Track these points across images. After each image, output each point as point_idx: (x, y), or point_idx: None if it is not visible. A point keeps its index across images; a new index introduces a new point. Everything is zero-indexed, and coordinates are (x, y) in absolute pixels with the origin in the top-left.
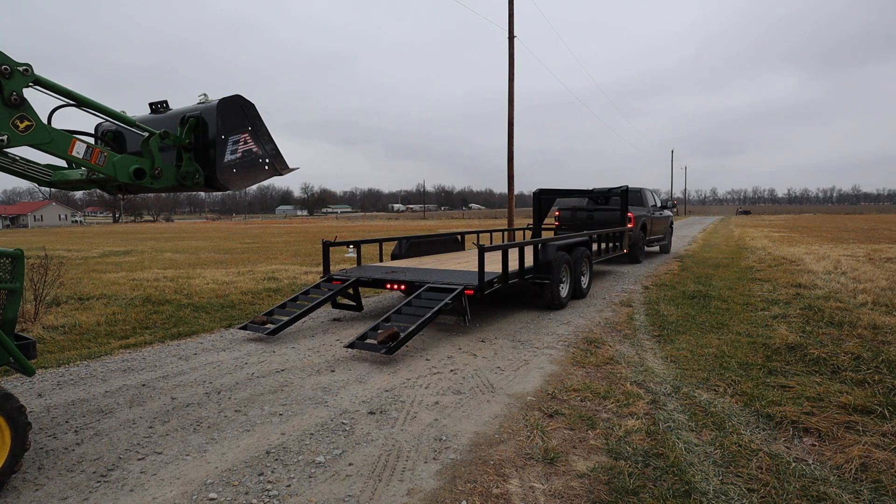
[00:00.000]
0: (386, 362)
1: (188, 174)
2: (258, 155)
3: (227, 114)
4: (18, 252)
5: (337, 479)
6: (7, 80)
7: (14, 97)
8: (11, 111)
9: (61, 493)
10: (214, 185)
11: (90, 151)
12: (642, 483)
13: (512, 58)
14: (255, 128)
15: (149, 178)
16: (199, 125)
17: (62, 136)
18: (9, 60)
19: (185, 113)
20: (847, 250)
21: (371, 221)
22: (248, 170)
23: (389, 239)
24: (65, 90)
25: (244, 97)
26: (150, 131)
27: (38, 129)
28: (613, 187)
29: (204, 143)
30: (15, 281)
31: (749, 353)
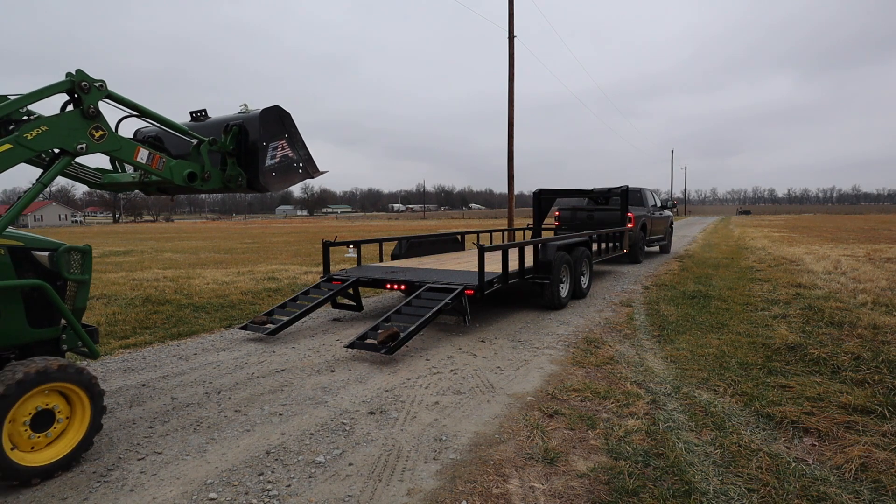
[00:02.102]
0: (386, 362)
1: (232, 177)
2: (293, 160)
3: (268, 123)
4: (87, 248)
5: (337, 479)
6: (86, 94)
7: (91, 110)
8: (88, 122)
9: (61, 493)
10: (256, 187)
11: (151, 157)
12: (642, 483)
13: (512, 58)
14: (290, 135)
15: (199, 180)
16: (241, 133)
17: (129, 143)
18: (87, 77)
19: (228, 121)
20: (847, 250)
21: (371, 221)
22: (285, 173)
23: (389, 239)
24: (131, 103)
25: (282, 107)
26: (200, 138)
27: (110, 138)
28: (613, 187)
29: (245, 149)
30: (84, 273)
31: (749, 353)
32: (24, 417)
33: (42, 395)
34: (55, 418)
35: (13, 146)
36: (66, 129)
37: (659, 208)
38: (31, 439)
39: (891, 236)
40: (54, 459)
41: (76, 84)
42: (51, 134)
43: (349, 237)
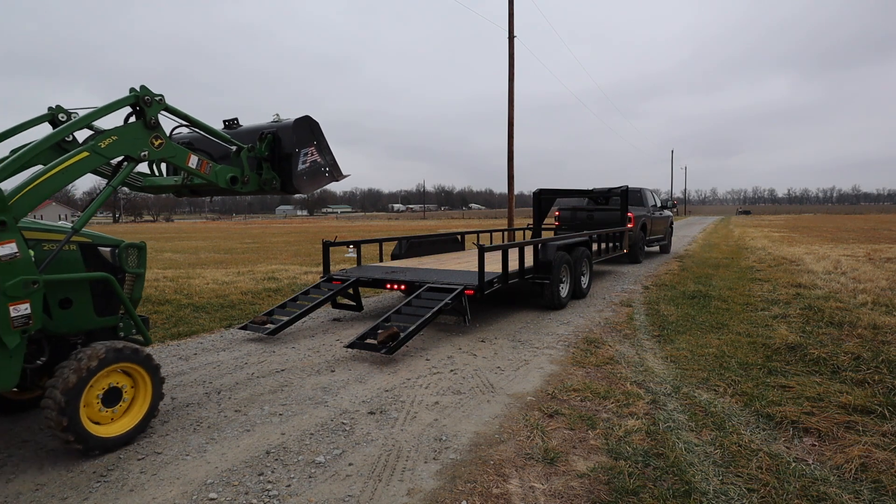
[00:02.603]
0: (386, 362)
1: (268, 181)
2: (321, 164)
3: (299, 131)
4: (143, 244)
5: (337, 479)
6: (148, 107)
7: (152, 121)
8: (149, 132)
9: (61, 493)
10: (288, 189)
11: (200, 163)
12: (642, 483)
13: (512, 58)
14: (319, 142)
15: (240, 183)
16: (275, 140)
17: (182, 150)
18: (149, 92)
19: (262, 129)
20: (847, 250)
21: (371, 221)
22: (314, 177)
23: (389, 239)
24: (182, 114)
25: (311, 117)
26: (240, 145)
27: (167, 146)
28: (613, 187)
29: (278, 155)
30: (140, 267)
31: (749, 353)
32: (97, 393)
33: (112, 375)
34: (122, 396)
35: (90, 154)
36: (131, 139)
37: (659, 208)
38: (103, 413)
39: (891, 236)
40: (120, 433)
41: (140, 98)
42: (120, 143)
43: (349, 237)
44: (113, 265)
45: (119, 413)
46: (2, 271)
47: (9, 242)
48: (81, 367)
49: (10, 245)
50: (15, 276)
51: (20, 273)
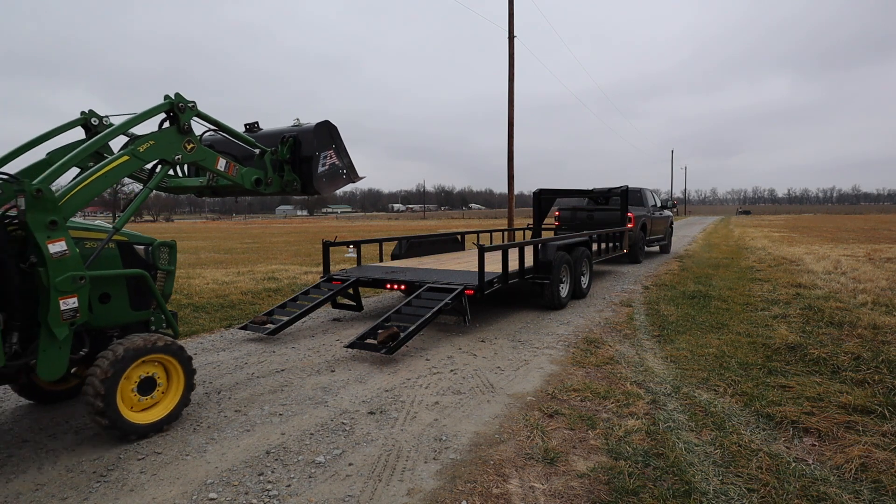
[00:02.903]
0: (386, 362)
1: (289, 182)
2: (339, 167)
3: (320, 135)
4: (173, 242)
5: (337, 479)
6: (182, 113)
7: (186, 126)
8: (183, 136)
9: (61, 493)
10: (308, 191)
11: (227, 165)
12: (642, 483)
13: (512, 58)
14: (337, 146)
15: (264, 185)
16: (295, 143)
17: (211, 154)
18: (183, 99)
19: (283, 133)
20: (847, 250)
21: (371, 221)
22: (333, 179)
23: (389, 239)
24: (212, 119)
25: (330, 122)
26: (263, 148)
27: (198, 150)
28: (613, 187)
29: (298, 158)
30: (171, 264)
31: (749, 353)
32: (133, 384)
33: (146, 365)
34: (156, 385)
35: (130, 158)
36: (167, 143)
37: (659, 208)
38: (139, 402)
39: (891, 236)
40: (155, 420)
41: (175, 105)
42: (156, 147)
43: (349, 237)
44: (147, 262)
45: (153, 401)
46: (53, 267)
47: (59, 241)
48: (118, 358)
49: (60, 243)
50: (65, 272)
51: (69, 269)
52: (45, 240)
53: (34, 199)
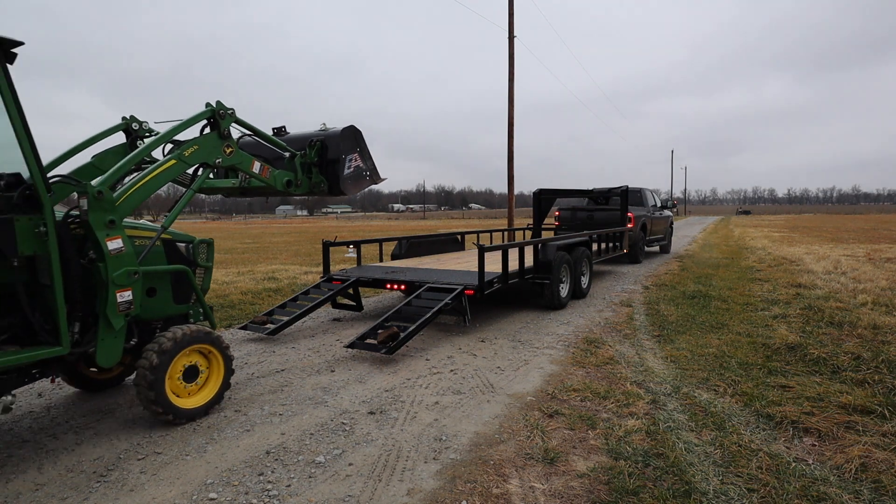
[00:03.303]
0: (386, 362)
1: (316, 184)
2: (363, 169)
3: (346, 139)
4: (211, 240)
5: (337, 479)
6: (222, 119)
7: (225, 131)
8: (222, 141)
9: (61, 493)
10: (335, 192)
11: (262, 168)
12: (642, 483)
13: (512, 58)
14: (361, 149)
15: (294, 186)
16: (322, 147)
17: (247, 157)
18: (223, 107)
19: (311, 137)
20: (847, 250)
21: (371, 221)
22: (357, 180)
23: (389, 239)
24: (247, 124)
25: (355, 126)
26: (293, 152)
27: (236, 153)
28: (613, 187)
29: (325, 161)
30: (209, 261)
31: (749, 353)
32: (178, 373)
33: (190, 354)
34: (199, 372)
35: (176, 161)
36: (209, 148)
37: (659, 208)
38: (185, 388)
39: (891, 236)
40: (200, 405)
41: (216, 112)
42: (200, 151)
43: (349, 237)
44: (188, 259)
45: (197, 388)
46: (111, 263)
47: (116, 238)
48: (165, 348)
49: (117, 241)
50: (121, 267)
51: (125, 265)
52: (104, 237)
53: (95, 200)
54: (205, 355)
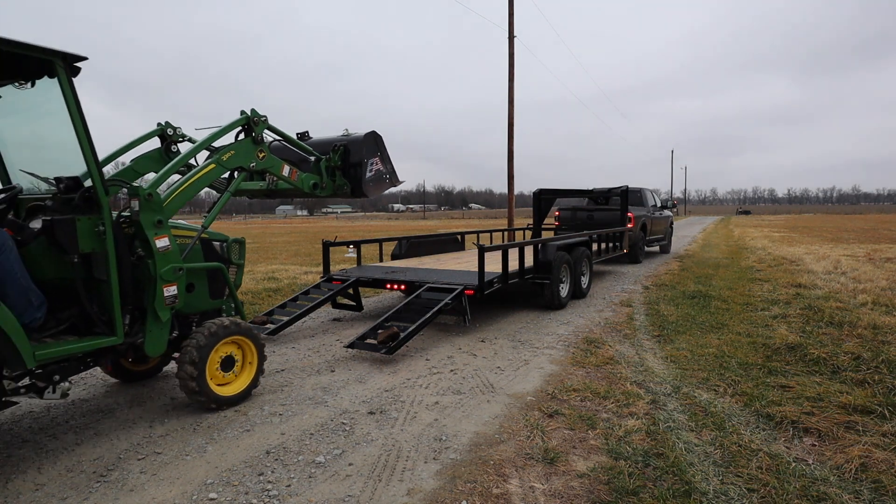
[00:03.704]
0: (386, 362)
1: (340, 186)
2: (383, 172)
3: (368, 144)
4: (243, 239)
5: (337, 479)
6: (256, 126)
7: (259, 137)
8: (256, 146)
9: (61, 493)
10: (357, 194)
11: (290, 171)
12: (642, 483)
13: (512, 58)
14: (382, 153)
15: (319, 188)
16: (345, 151)
17: (278, 161)
18: (257, 114)
19: (334, 142)
20: (847, 250)
21: (371, 221)
22: (378, 183)
23: (389, 239)
24: (278, 130)
25: (377, 132)
26: (318, 156)
27: (268, 158)
28: (613, 187)
29: (347, 164)
30: (240, 259)
31: (749, 353)
32: (217, 363)
33: (227, 345)
34: (234, 362)
35: (216, 165)
36: (245, 152)
37: (659, 208)
38: (223, 377)
39: (891, 236)
40: (236, 392)
41: (251, 119)
42: (236, 156)
43: (349, 237)
44: (222, 256)
45: (234, 376)
46: (159, 260)
47: (164, 237)
48: (206, 339)
49: (164, 239)
50: (168, 264)
51: (171, 261)
52: (153, 236)
53: (146, 201)
54: (239, 346)
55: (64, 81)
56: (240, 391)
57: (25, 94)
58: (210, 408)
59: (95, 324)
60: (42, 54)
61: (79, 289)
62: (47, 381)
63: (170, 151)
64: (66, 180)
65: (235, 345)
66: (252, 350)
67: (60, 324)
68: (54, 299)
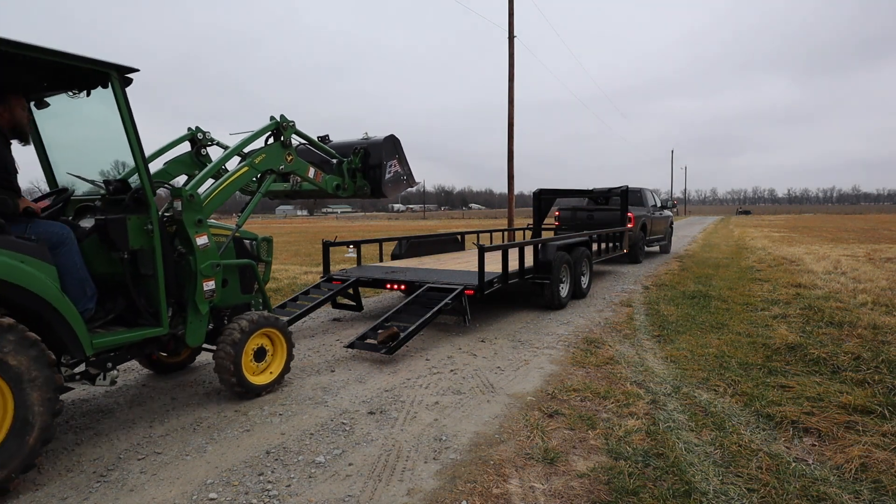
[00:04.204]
0: (386, 362)
1: (360, 187)
2: (401, 174)
3: (387, 147)
4: (271, 238)
5: (337, 479)
6: (285, 131)
7: (287, 141)
8: (285, 150)
9: (61, 493)
10: (377, 194)
11: (315, 173)
12: (642, 483)
13: (512, 58)
14: (399, 155)
15: (341, 189)
16: (365, 154)
17: (304, 164)
18: (286, 119)
19: (354, 145)
20: (847, 250)
21: (371, 221)
22: (396, 184)
23: (389, 239)
24: (303, 134)
25: (395, 135)
26: (340, 158)
27: (295, 161)
28: (613, 187)
29: (367, 166)
30: (269, 256)
31: (749, 353)
32: (251, 354)
33: (259, 337)
34: (266, 353)
35: (249, 168)
36: (275, 156)
37: (659, 208)
38: (256, 367)
39: (891, 236)
40: (267, 382)
41: (280, 124)
42: (268, 159)
43: (349, 237)
44: (252, 254)
45: (266, 366)
46: (199, 256)
47: (203, 235)
48: (241, 333)
49: (204, 237)
50: (207, 260)
51: (210, 258)
52: (194, 234)
53: (188, 202)
54: (270, 339)
55: (118, 91)
56: (270, 381)
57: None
58: (244, 395)
59: (141, 316)
60: (99, 67)
61: (128, 283)
62: (101, 368)
63: (199, 155)
64: (115, 182)
65: (267, 337)
66: (282, 343)
67: (107, 315)
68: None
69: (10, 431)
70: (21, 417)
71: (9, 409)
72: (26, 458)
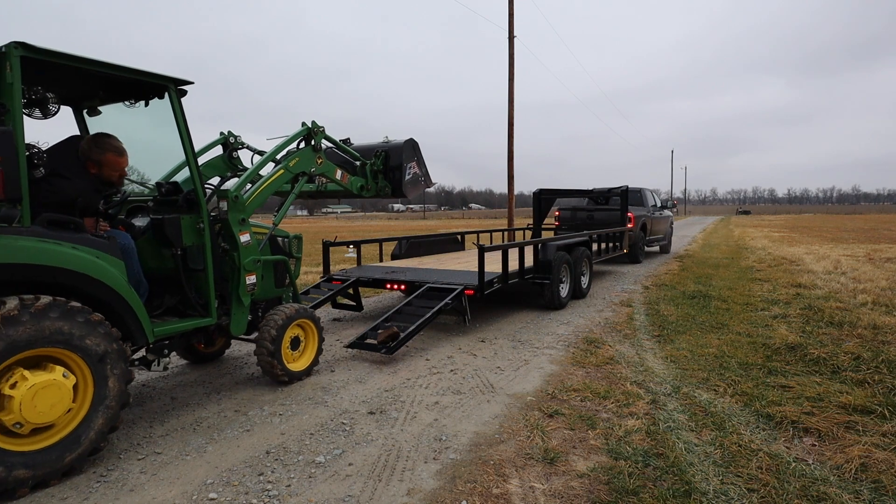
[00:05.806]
0: (386, 362)
1: (382, 188)
2: (419, 175)
3: (407, 150)
4: (301, 235)
5: (337, 479)
6: (316, 136)
7: (317, 145)
8: (316, 153)
9: (61, 493)
10: (397, 195)
11: (342, 175)
12: (642, 483)
13: (512, 58)
14: (418, 158)
15: (365, 190)
16: (386, 156)
17: (331, 166)
18: (317, 125)
19: (376, 148)
20: (847, 250)
21: (371, 221)
22: (415, 185)
23: (389, 239)
24: (331, 138)
25: (414, 139)
26: (364, 160)
27: (325, 163)
28: (613, 187)
29: (387, 168)
30: (299, 252)
31: (749, 353)
32: (287, 343)
33: (294, 328)
34: (300, 342)
35: (284, 171)
36: (307, 159)
37: (659, 208)
38: (291, 355)
39: (891, 236)
40: (301, 369)
41: (311, 130)
42: (301, 162)
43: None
44: (285, 251)
45: (300, 354)
46: (242, 252)
47: (245, 233)
48: (280, 323)
49: (246, 235)
50: (249, 256)
51: (252, 254)
52: (238, 232)
53: (233, 203)
54: (303, 329)
55: (174, 102)
56: (304, 368)
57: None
58: (284, 380)
59: (191, 307)
60: (157, 79)
61: (181, 277)
62: (158, 354)
63: (232, 158)
64: (167, 185)
65: (300, 328)
66: (314, 332)
67: (157, 308)
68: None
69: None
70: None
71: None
72: (94, 443)
